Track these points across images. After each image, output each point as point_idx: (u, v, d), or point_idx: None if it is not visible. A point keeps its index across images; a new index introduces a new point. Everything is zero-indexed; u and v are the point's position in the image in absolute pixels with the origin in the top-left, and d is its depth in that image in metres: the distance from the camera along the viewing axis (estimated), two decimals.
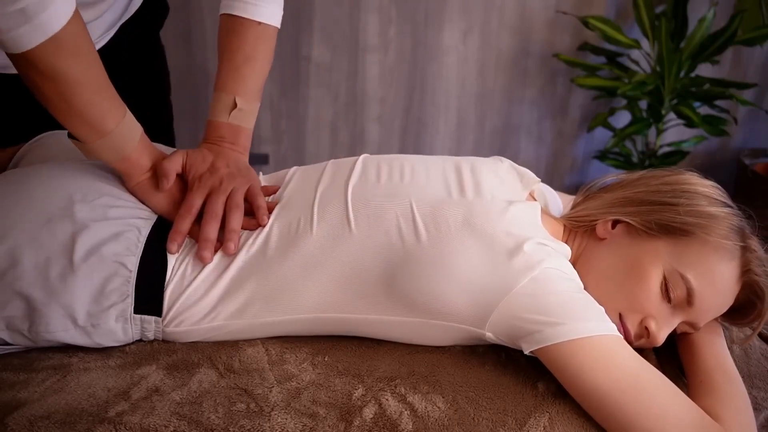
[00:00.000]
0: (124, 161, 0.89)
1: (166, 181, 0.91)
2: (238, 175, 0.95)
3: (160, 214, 0.92)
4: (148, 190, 0.92)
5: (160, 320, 0.86)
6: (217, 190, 0.92)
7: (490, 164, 0.98)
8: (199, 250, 0.87)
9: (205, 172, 0.94)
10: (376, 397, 0.80)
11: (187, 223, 0.90)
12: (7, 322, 0.82)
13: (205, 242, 0.88)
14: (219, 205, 0.91)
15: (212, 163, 0.96)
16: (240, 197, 0.92)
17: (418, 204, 0.87)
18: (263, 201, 0.93)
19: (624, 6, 2.45)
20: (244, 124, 1.01)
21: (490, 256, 0.82)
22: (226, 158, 0.97)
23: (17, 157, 1.04)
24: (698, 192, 0.89)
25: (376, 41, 2.41)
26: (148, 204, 0.92)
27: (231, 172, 0.95)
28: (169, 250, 0.87)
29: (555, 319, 0.78)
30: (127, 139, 0.88)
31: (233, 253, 0.88)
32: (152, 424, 0.75)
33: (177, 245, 0.88)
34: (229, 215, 0.90)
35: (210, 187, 0.93)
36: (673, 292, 0.85)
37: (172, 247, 0.88)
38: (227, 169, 0.95)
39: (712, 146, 2.71)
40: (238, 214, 0.90)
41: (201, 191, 0.92)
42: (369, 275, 0.85)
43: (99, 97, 0.85)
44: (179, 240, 0.88)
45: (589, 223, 0.94)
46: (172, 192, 0.93)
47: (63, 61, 0.79)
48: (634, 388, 0.75)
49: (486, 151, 2.62)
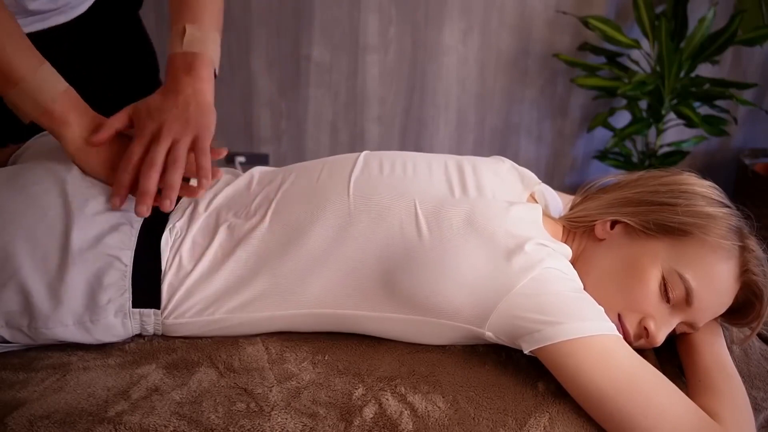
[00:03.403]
0: (45, 115, 0.87)
1: (99, 133, 0.88)
2: (187, 119, 0.89)
3: (99, 180, 0.89)
4: (84, 150, 0.89)
5: (159, 312, 0.86)
6: (157, 138, 0.88)
7: (490, 164, 0.98)
8: (136, 204, 0.84)
9: (147, 119, 0.90)
10: (376, 397, 0.80)
11: (127, 175, 0.86)
12: (6, 319, 0.83)
13: (142, 195, 0.84)
14: (157, 155, 0.86)
15: (158, 108, 0.90)
16: (181, 150, 0.87)
17: (421, 201, 0.87)
18: (207, 161, 0.88)
19: (624, 6, 2.44)
20: (198, 49, 0.95)
21: (490, 256, 0.82)
22: (175, 98, 0.91)
23: (14, 156, 1.04)
24: (696, 192, 0.89)
25: (376, 41, 2.41)
26: (86, 170, 0.89)
27: (177, 115, 0.89)
28: (112, 206, 0.86)
29: (555, 318, 0.78)
30: (43, 88, 0.86)
31: (168, 210, 0.84)
32: (152, 423, 0.75)
33: (119, 199, 0.86)
34: (167, 170, 0.86)
35: (150, 135, 0.88)
36: (672, 292, 0.85)
37: (113, 202, 0.86)
38: (173, 112, 0.89)
39: (712, 146, 2.71)
40: (177, 168, 0.86)
41: (140, 141, 0.88)
42: (370, 272, 0.85)
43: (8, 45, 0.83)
44: (121, 193, 0.86)
45: (587, 224, 0.94)
46: (114, 153, 0.90)
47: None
48: (633, 387, 0.75)
49: (486, 151, 2.62)
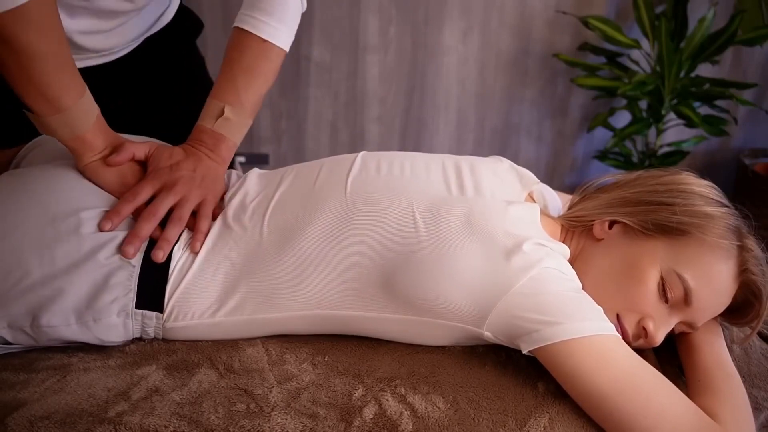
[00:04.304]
0: (77, 140, 0.89)
1: (117, 155, 0.91)
2: (200, 184, 0.94)
3: (109, 192, 0.91)
4: (99, 167, 0.91)
5: (161, 315, 0.86)
6: (168, 189, 0.91)
7: (489, 163, 0.98)
8: (125, 243, 0.86)
9: (166, 167, 0.93)
10: (376, 398, 0.80)
11: (129, 207, 0.89)
12: (9, 320, 0.83)
13: (134, 238, 0.86)
14: (162, 207, 0.90)
15: (177, 163, 0.95)
16: (186, 210, 0.91)
17: (418, 201, 0.87)
18: (206, 226, 0.91)
19: (624, 6, 2.45)
20: (228, 134, 1.00)
21: (489, 256, 0.82)
22: (195, 163, 0.96)
23: (18, 157, 1.05)
24: (694, 192, 0.89)
25: (376, 41, 2.41)
26: (97, 181, 0.91)
27: (192, 177, 0.93)
28: (101, 227, 0.86)
29: (553, 318, 0.78)
30: (83, 118, 0.88)
31: (160, 261, 0.86)
32: (152, 424, 0.75)
33: (110, 224, 0.87)
34: (168, 224, 0.89)
35: (163, 184, 0.92)
36: (671, 291, 0.85)
37: (104, 224, 0.86)
38: (189, 173, 0.94)
39: (712, 146, 2.71)
40: (178, 226, 0.89)
41: (152, 183, 0.91)
42: (367, 272, 0.85)
43: (60, 73, 0.85)
44: (114, 219, 0.87)
45: (586, 224, 0.94)
46: (124, 173, 0.92)
47: (26, 35, 0.79)
48: (632, 387, 0.75)
49: (486, 151, 2.62)
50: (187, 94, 1.21)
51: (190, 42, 1.28)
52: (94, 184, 0.92)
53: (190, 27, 1.27)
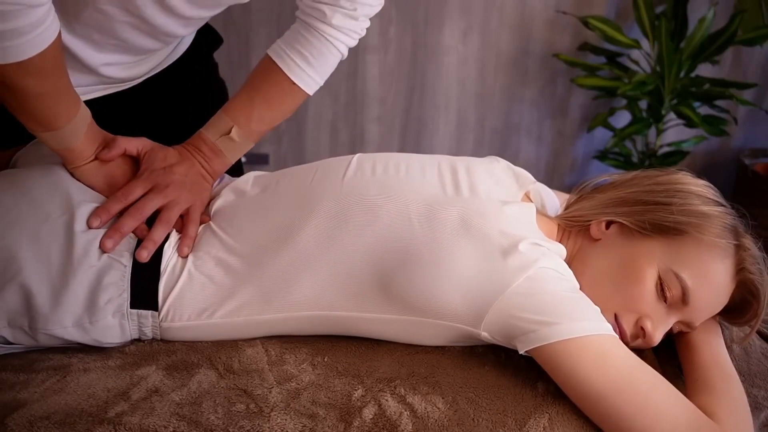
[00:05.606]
0: (66, 150, 0.89)
1: (109, 151, 0.91)
2: (190, 189, 0.94)
3: (97, 191, 0.92)
4: (87, 169, 0.91)
5: (156, 314, 0.86)
6: (158, 190, 0.91)
7: (485, 164, 0.98)
8: (105, 236, 0.86)
9: (160, 169, 0.94)
10: (375, 398, 0.80)
11: (118, 205, 0.89)
12: (8, 319, 0.83)
13: (115, 231, 0.87)
14: (149, 205, 0.90)
15: (171, 165, 0.95)
16: (174, 213, 0.91)
17: (412, 201, 0.87)
18: (195, 231, 0.91)
19: (624, 6, 2.44)
20: (227, 152, 1.00)
21: (485, 256, 0.82)
22: (188, 168, 0.96)
23: (15, 157, 1.05)
24: (691, 191, 0.89)
25: (376, 41, 2.41)
26: (86, 182, 0.92)
27: (183, 182, 0.94)
28: (89, 224, 0.87)
29: (550, 318, 0.78)
30: (74, 134, 0.88)
31: (143, 260, 0.86)
32: (152, 424, 0.75)
33: (98, 221, 0.87)
34: (155, 225, 0.89)
35: (154, 185, 0.92)
36: (669, 291, 0.85)
37: (93, 221, 0.87)
38: (181, 178, 0.94)
39: (712, 146, 2.71)
40: (165, 228, 0.90)
41: (143, 184, 0.92)
42: (364, 273, 0.85)
43: (56, 105, 0.85)
44: (103, 217, 0.87)
45: (583, 224, 0.94)
46: (113, 174, 0.93)
47: (26, 80, 0.79)
48: (630, 387, 0.76)
49: (486, 151, 2.62)
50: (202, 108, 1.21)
51: (209, 57, 1.27)
52: (79, 180, 0.92)
53: (208, 45, 1.25)
